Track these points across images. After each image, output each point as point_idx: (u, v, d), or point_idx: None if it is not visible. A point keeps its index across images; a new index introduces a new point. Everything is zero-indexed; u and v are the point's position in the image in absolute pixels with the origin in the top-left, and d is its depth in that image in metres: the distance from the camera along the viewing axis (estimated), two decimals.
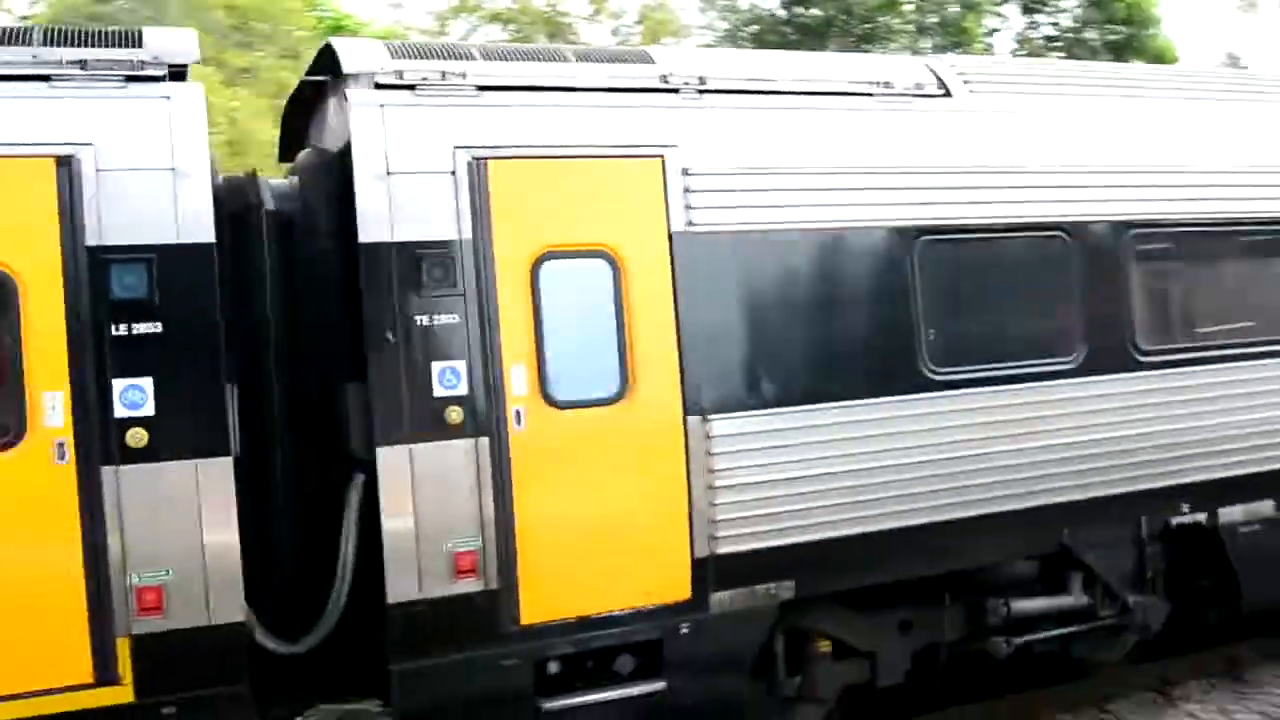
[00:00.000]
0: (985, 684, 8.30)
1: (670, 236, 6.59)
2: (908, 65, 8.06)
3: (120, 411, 5.50)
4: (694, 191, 6.68)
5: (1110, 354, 7.73)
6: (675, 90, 6.90)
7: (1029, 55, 28.14)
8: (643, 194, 6.60)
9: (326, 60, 6.76)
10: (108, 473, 5.46)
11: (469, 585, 6.12)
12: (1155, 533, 7.96)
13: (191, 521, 5.58)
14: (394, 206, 6.08)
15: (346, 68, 6.34)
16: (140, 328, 5.54)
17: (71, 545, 5.40)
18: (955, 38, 28.34)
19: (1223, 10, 30.93)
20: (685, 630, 6.53)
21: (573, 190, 6.49)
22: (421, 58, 6.47)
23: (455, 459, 6.11)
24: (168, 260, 5.59)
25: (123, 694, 5.46)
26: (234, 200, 6.39)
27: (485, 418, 6.17)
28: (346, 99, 6.18)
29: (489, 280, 6.24)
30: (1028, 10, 29.30)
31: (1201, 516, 8.09)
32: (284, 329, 6.43)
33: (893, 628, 7.48)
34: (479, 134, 6.35)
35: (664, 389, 6.52)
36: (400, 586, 5.97)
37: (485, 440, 6.17)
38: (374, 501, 6.04)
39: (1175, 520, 8.00)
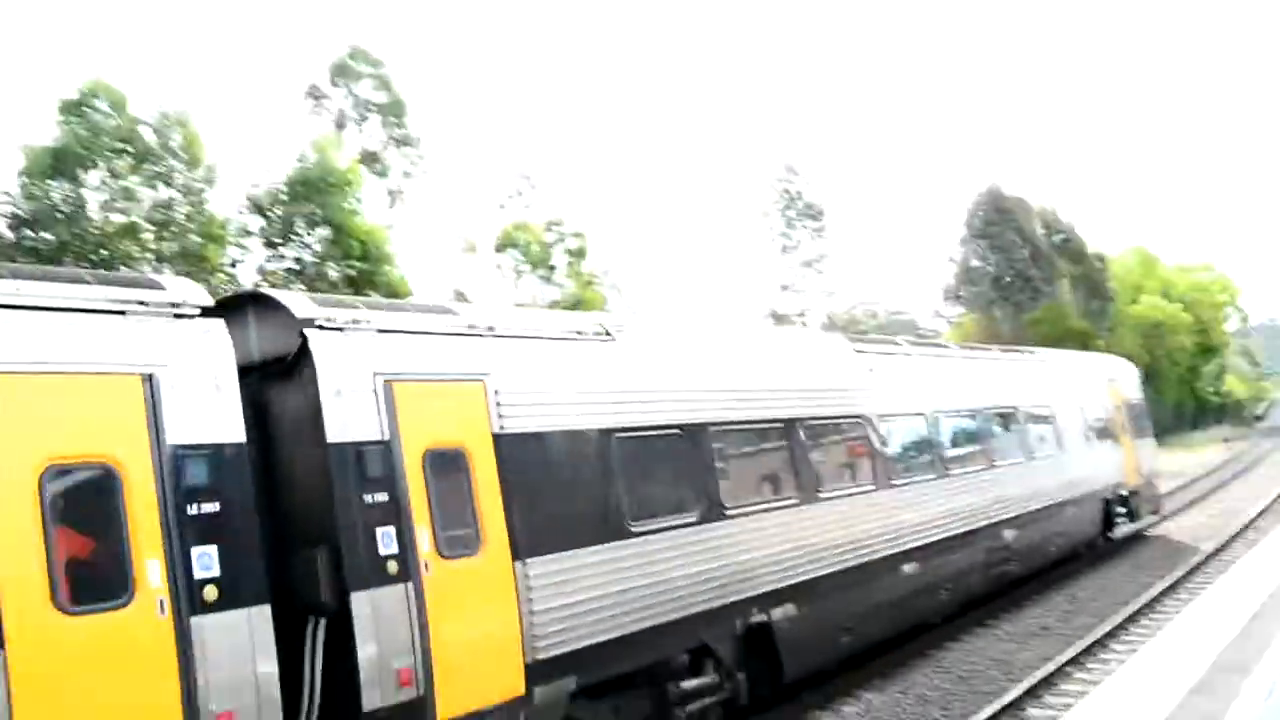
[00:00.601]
0: None
1: (493, 436, 9.01)
2: (585, 317, 11.84)
3: (198, 574, 6.83)
4: (502, 405, 9.19)
5: (710, 509, 11.01)
6: (481, 335, 9.56)
7: (272, 286, 28.41)
8: (478, 407, 9.03)
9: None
10: (194, 622, 6.73)
11: (408, 693, 7.97)
12: (745, 629, 11.32)
13: (248, 657, 7.00)
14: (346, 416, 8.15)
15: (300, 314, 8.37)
16: (206, 507, 6.97)
17: (172, 680, 6.61)
18: (195, 266, 27.87)
19: (448, 250, 34.21)
20: (523, 717, 8.81)
21: (443, 405, 8.80)
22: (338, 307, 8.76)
23: (396, 598, 8.01)
24: (219, 454, 7.13)
25: None
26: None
27: (409, 568, 8.13)
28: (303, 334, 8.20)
29: (400, 468, 8.27)
30: (270, 244, 29.80)
31: (763, 617, 11.53)
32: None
33: (611, 710, 10.08)
34: (386, 363, 8.51)
35: (499, 543, 8.80)
36: (371, 697, 7.73)
37: (410, 584, 8.10)
38: (333, 637, 7.75)
39: (753, 619, 11.42)
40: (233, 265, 29.80)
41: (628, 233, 78.02)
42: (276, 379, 8.14)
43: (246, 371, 7.82)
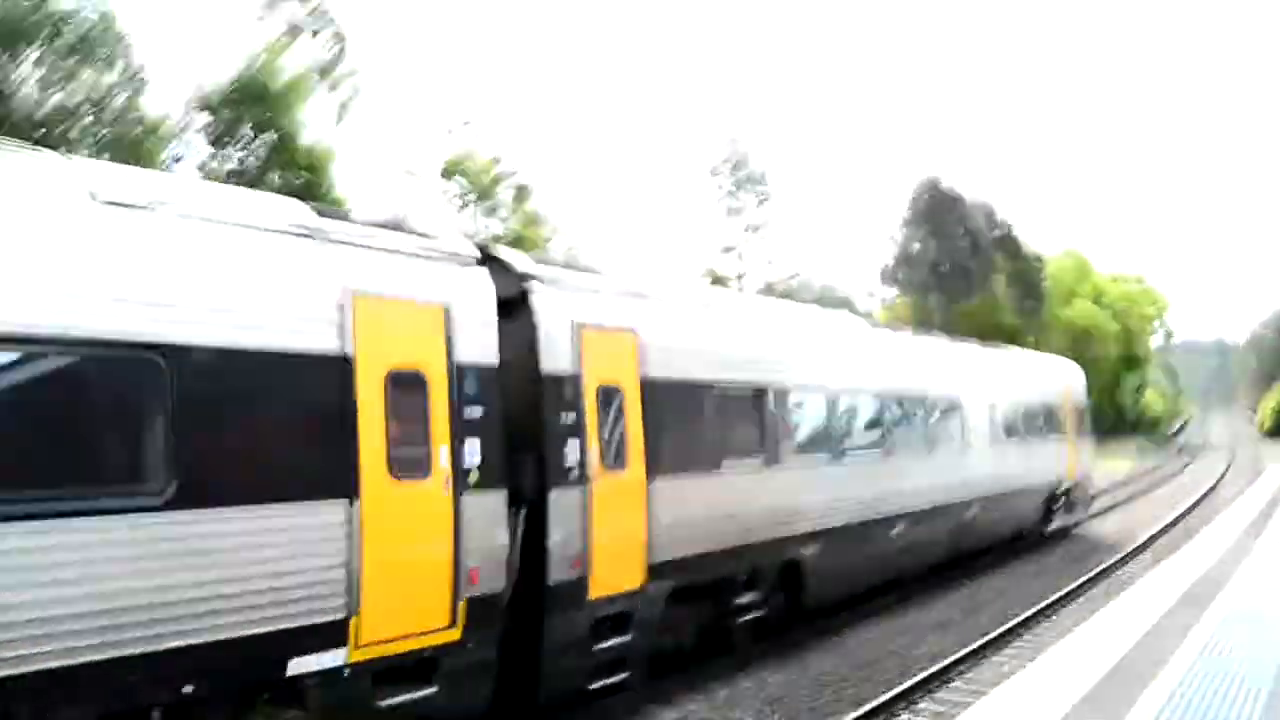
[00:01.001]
0: None
1: (640, 379, 11.29)
2: (696, 285, 17.14)
3: (466, 462, 8.92)
4: (645, 354, 11.37)
5: (770, 457, 13.64)
6: (633, 295, 11.93)
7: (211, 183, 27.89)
8: (630, 354, 11.18)
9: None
10: (463, 498, 8.87)
11: (576, 573, 10.13)
12: (784, 562, 13.94)
13: (491, 528, 9.18)
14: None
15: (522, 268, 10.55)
16: (473, 411, 9.01)
17: (448, 540, 8.75)
18: (134, 157, 27.28)
19: (391, 175, 33.82)
20: (637, 605, 11.17)
21: (610, 349, 10.92)
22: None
23: (575, 498, 10.18)
24: (485, 373, 9.21)
25: (454, 635, 8.76)
26: None
27: (585, 475, 10.30)
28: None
29: (582, 397, 10.41)
30: (216, 142, 29.26)
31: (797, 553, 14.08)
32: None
33: (689, 611, 12.41)
34: (577, 313, 10.59)
35: (638, 463, 11.29)
36: (555, 573, 9.91)
37: (585, 488, 10.27)
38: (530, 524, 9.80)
39: (791, 555, 13.95)
40: (176, 161, 29.23)
41: (575, 179, 77.89)
42: (502, 319, 9.70)
43: None
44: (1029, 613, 16.28)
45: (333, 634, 7.76)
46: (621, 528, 10.69)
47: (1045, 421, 24.55)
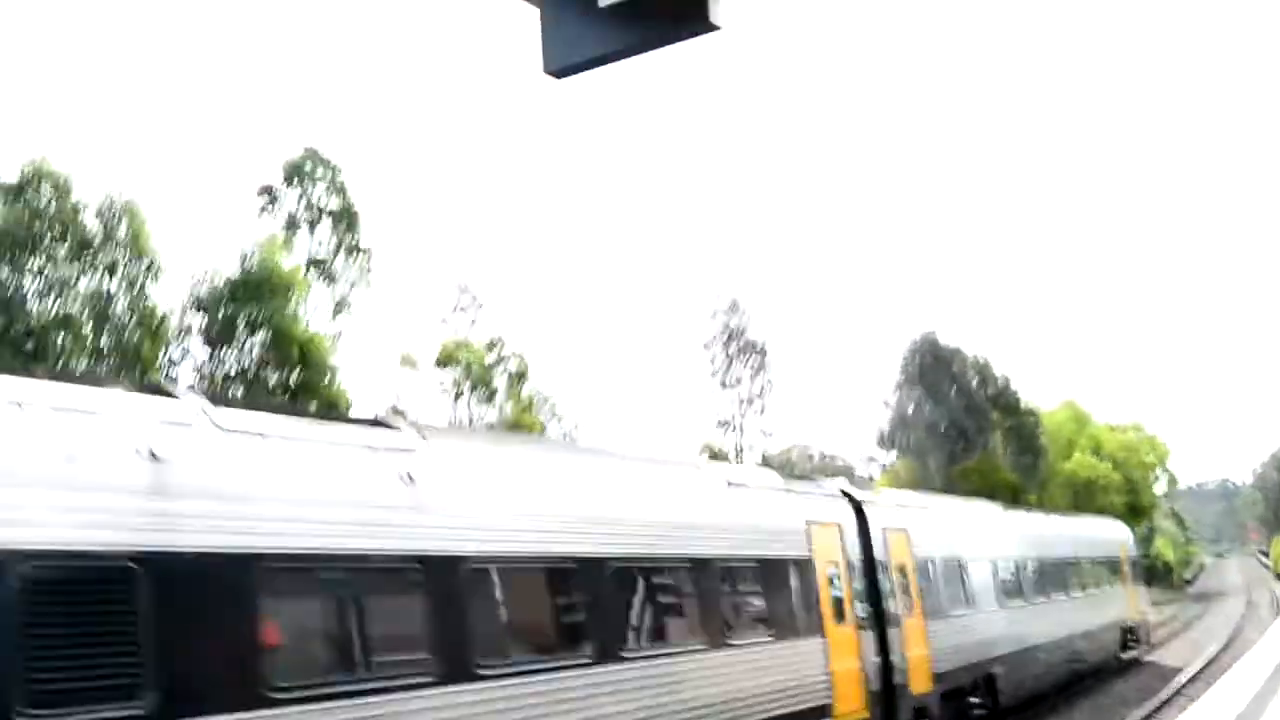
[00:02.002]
0: None
1: (913, 558, 18.09)
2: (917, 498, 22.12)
3: (860, 612, 15.48)
4: (914, 542, 18.09)
5: (967, 604, 20.01)
6: (906, 507, 19.76)
7: (210, 387, 28.10)
8: (906, 542, 17.84)
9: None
10: (860, 633, 15.38)
11: (904, 677, 16.53)
12: (976, 679, 19.19)
13: (870, 651, 15.51)
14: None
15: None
16: (856, 584, 15.63)
17: (856, 658, 14.94)
18: (132, 362, 27.58)
19: (389, 363, 34.17)
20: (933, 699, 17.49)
21: (895, 539, 17.33)
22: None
23: (899, 632, 16.55)
24: (858, 562, 15.82)
25: (865, 712, 14.71)
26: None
27: (899, 618, 16.68)
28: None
29: (889, 571, 16.90)
30: (211, 344, 29.55)
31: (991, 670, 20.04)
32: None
33: (952, 708, 18.39)
34: (883, 520, 17.13)
35: (919, 611, 17.76)
36: (898, 677, 16.20)
37: (900, 627, 16.59)
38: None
39: (982, 673, 19.62)
40: (171, 364, 29.50)
41: (569, 356, 78.55)
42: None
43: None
44: None
45: (826, 709, 13.98)
46: (918, 651, 16.92)
47: (1113, 572, 31.78)
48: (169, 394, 8.03)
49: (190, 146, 69.65)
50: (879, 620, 15.92)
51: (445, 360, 34.76)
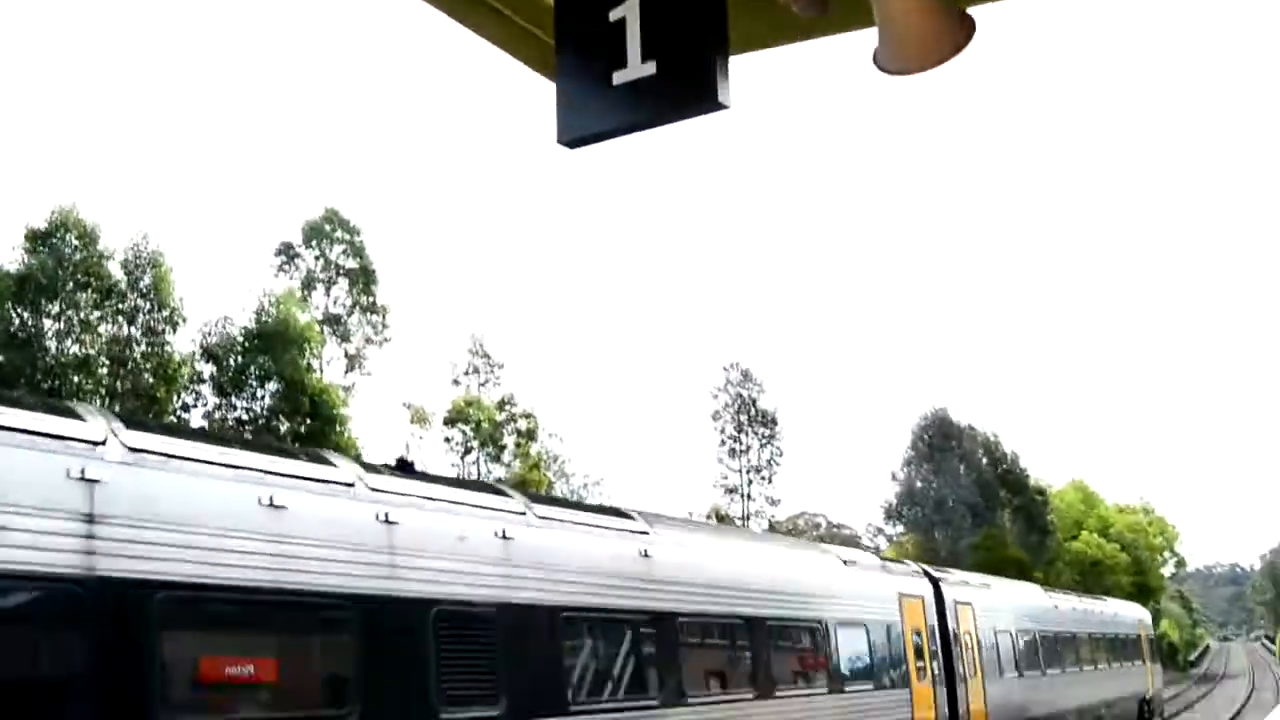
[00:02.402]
0: None
1: (974, 628, 21.26)
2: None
3: (937, 671, 18.42)
4: (977, 615, 21.55)
5: (1019, 668, 23.15)
6: (966, 584, 22.96)
7: (218, 432, 28.34)
8: (970, 615, 21.15)
9: None
10: (935, 688, 18.19)
11: None
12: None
13: (944, 705, 18.57)
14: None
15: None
16: (934, 647, 18.64)
17: (932, 710, 17.89)
18: (146, 405, 27.89)
19: (399, 419, 34.52)
20: None
21: (963, 612, 20.68)
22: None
23: (965, 690, 19.69)
24: (936, 630, 18.89)
25: None
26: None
27: (967, 677, 19.73)
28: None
29: (960, 638, 20.10)
30: (222, 392, 29.88)
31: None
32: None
33: None
34: (954, 595, 20.41)
35: (979, 672, 20.57)
36: None
37: (967, 685, 19.72)
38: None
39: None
40: (184, 409, 29.81)
41: (580, 417, 79.00)
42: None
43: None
44: None
45: None
46: (978, 706, 19.83)
47: (1134, 649, 35.09)
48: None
49: (213, 197, 70.60)
50: (950, 679, 19.12)
51: (455, 417, 35.00)
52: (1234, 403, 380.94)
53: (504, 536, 9.77)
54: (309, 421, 30.57)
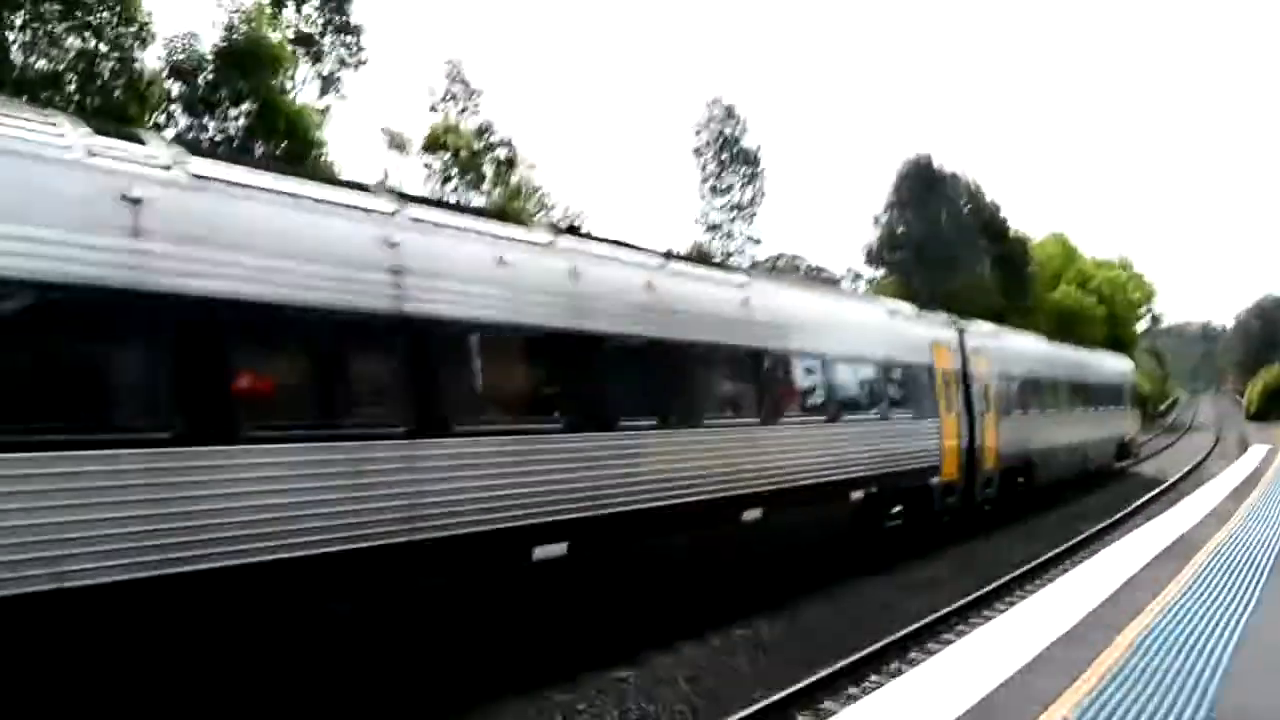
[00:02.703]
0: None
1: (973, 370, 23.37)
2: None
3: (960, 406, 21.79)
4: (994, 361, 24.75)
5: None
6: (964, 331, 24.03)
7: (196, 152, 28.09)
8: (985, 362, 24.11)
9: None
10: (961, 419, 21.78)
11: (979, 455, 22.91)
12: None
13: (966, 433, 21.96)
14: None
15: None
16: (957, 386, 22.00)
17: (958, 439, 21.34)
18: (120, 122, 27.48)
19: (377, 145, 34.04)
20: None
21: (975, 359, 23.48)
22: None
23: (979, 422, 22.96)
24: (960, 373, 22.26)
25: (959, 479, 21.18)
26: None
27: (980, 412, 22.88)
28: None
29: (975, 381, 22.99)
30: (193, 112, 29.38)
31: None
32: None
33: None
34: (972, 343, 23.19)
35: (987, 410, 23.76)
36: (977, 455, 22.84)
37: (969, 417, 22.54)
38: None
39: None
40: (157, 129, 29.32)
41: (561, 149, 77.98)
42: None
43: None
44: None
45: (935, 471, 19.88)
46: (990, 441, 22.42)
47: (1117, 396, 38.60)
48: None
49: None
50: (970, 414, 21.81)
51: (434, 144, 34.61)
52: (1216, 164, 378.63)
53: (650, 287, 12.52)
54: (285, 143, 30.22)
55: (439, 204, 14.37)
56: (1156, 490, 31.64)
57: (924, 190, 65.81)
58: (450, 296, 9.63)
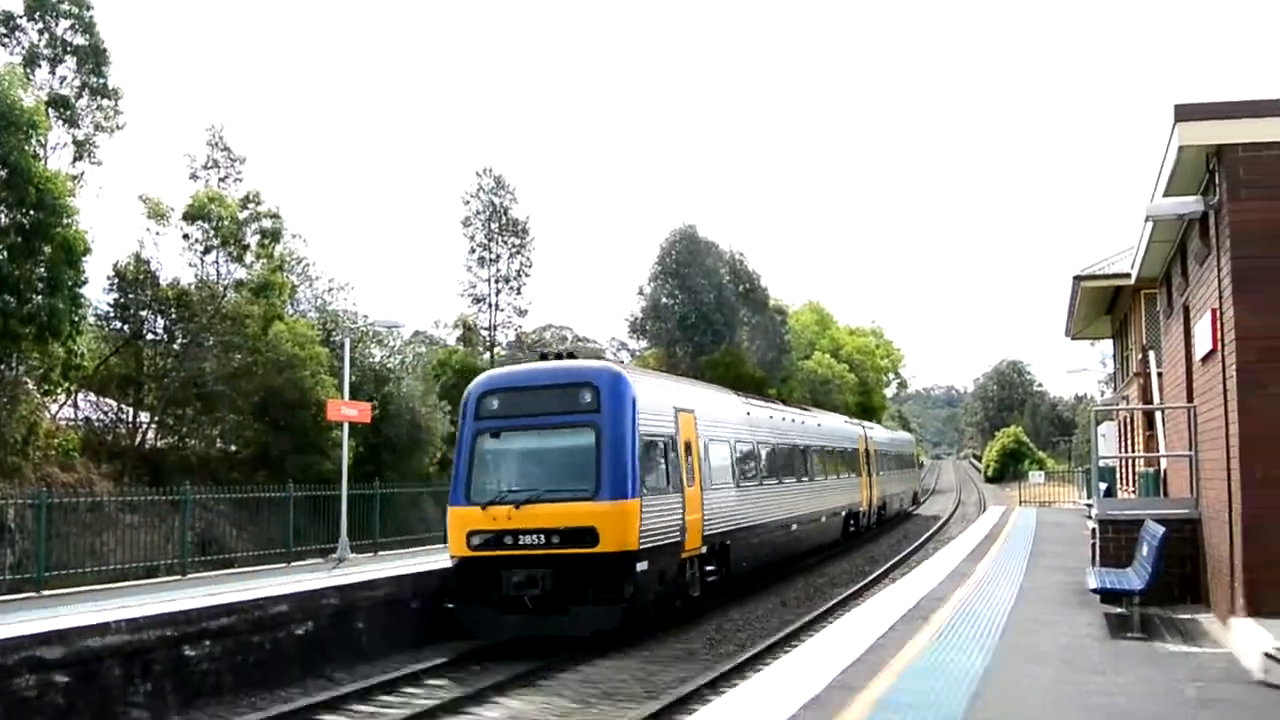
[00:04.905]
0: None
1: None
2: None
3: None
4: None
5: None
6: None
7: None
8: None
9: None
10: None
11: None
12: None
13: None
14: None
15: None
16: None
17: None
18: None
19: (134, 214, 33.06)
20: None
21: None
22: None
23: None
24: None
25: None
26: None
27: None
28: None
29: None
30: None
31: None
32: None
33: None
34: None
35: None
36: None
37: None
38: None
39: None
40: None
41: (326, 220, 76.96)
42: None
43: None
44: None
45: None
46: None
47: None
48: None
49: None
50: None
51: (195, 213, 33.83)
52: (960, 238, 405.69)
53: (747, 412, 27.70)
54: (31, 213, 28.96)
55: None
56: (904, 553, 34.96)
57: (688, 260, 68.26)
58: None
